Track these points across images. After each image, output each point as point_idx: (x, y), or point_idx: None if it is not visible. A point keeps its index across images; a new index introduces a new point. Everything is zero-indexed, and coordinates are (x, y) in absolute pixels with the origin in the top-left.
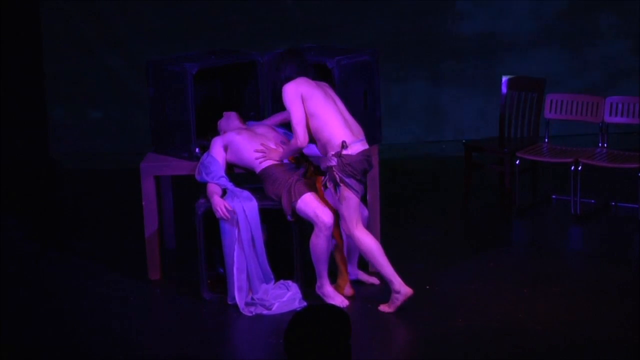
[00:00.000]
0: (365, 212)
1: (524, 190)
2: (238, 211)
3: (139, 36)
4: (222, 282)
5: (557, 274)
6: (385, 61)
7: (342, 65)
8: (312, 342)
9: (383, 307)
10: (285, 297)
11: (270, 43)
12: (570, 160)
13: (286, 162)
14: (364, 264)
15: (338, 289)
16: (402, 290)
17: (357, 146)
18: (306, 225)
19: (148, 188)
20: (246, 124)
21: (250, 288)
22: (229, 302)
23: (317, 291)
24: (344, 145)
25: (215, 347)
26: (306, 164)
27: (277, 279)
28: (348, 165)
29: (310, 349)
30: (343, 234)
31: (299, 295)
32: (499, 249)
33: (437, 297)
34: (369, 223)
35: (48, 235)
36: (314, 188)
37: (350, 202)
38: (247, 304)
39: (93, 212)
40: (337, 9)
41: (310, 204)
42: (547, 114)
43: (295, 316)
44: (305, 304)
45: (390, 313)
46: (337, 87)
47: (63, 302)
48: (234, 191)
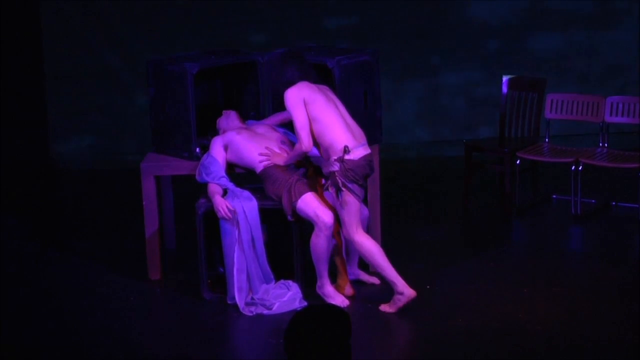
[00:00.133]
0: (365, 212)
1: (524, 190)
2: (238, 211)
3: (139, 36)
4: (222, 282)
5: (557, 274)
6: (386, 60)
7: (342, 65)
8: (312, 342)
9: (384, 307)
10: (285, 297)
11: (270, 43)
12: (570, 160)
13: None
14: (364, 263)
15: (338, 289)
16: (405, 292)
17: (359, 151)
18: (306, 225)
19: (148, 188)
20: (245, 123)
21: (250, 288)
22: (229, 302)
23: (318, 291)
24: (346, 150)
25: (215, 347)
26: (306, 164)
27: (277, 279)
28: (350, 170)
29: (310, 349)
30: (342, 236)
31: (299, 295)
32: (499, 249)
33: (437, 297)
34: (369, 223)
35: (48, 235)
36: (314, 188)
37: (352, 207)
38: (247, 304)
39: (93, 212)
40: (337, 9)
41: (310, 203)
42: (548, 114)
43: (295, 316)
44: (305, 303)
45: (390, 313)
46: (337, 87)
47: (63, 302)
48: (235, 191)
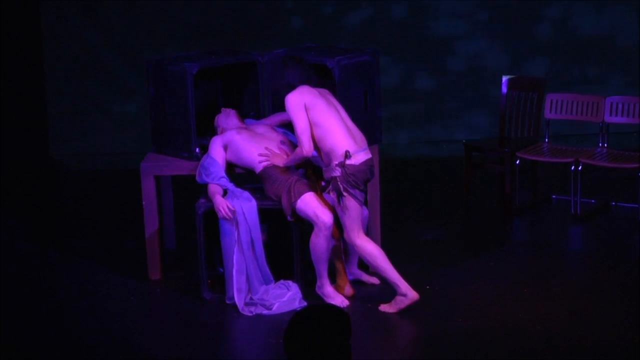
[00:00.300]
0: (366, 212)
1: (524, 190)
2: (238, 212)
3: (139, 36)
4: (222, 282)
5: (557, 274)
6: (386, 60)
7: (342, 65)
8: (312, 342)
9: (384, 307)
10: (285, 297)
11: (270, 43)
12: (570, 160)
13: None
14: (364, 264)
15: (338, 289)
16: (409, 294)
17: (360, 156)
18: (306, 226)
19: (148, 188)
20: (245, 122)
21: (249, 289)
22: (227, 302)
23: (317, 291)
24: (347, 155)
25: (215, 347)
26: (306, 164)
27: (277, 279)
28: (351, 175)
29: (310, 349)
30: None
31: (299, 295)
32: (499, 249)
33: (437, 297)
34: (369, 223)
35: (48, 235)
36: (314, 188)
37: (353, 211)
38: (247, 304)
39: (93, 212)
40: (337, 9)
41: (310, 203)
42: (547, 114)
43: (295, 316)
44: (305, 303)
45: (390, 313)
46: (337, 87)
47: (63, 302)
48: (234, 192)
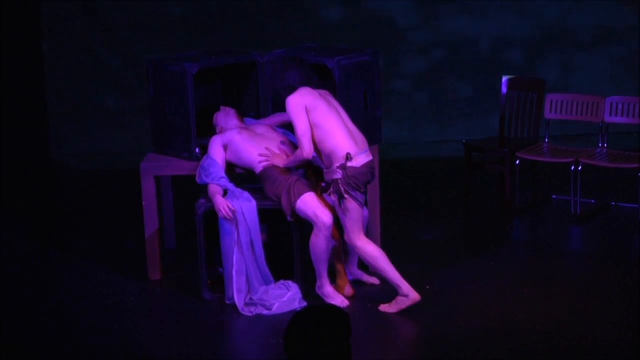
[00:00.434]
0: (365, 213)
1: (524, 190)
2: (237, 213)
3: (139, 36)
4: (222, 282)
5: (557, 274)
6: (386, 60)
7: (342, 65)
8: (312, 342)
9: (384, 307)
10: (285, 297)
11: (270, 43)
12: (570, 160)
13: None
14: (363, 264)
15: (338, 289)
16: (410, 294)
17: (361, 158)
18: (306, 226)
19: (148, 188)
20: (244, 121)
21: (249, 289)
22: (227, 302)
23: (317, 291)
24: (348, 157)
25: (215, 347)
26: (305, 164)
27: (277, 279)
28: (352, 177)
29: (310, 349)
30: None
31: (299, 295)
32: (499, 249)
33: (437, 297)
34: (369, 223)
35: (48, 235)
36: (313, 188)
37: (353, 213)
38: (247, 304)
39: (93, 212)
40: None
41: (309, 203)
42: (547, 114)
43: (295, 316)
44: (305, 303)
45: (390, 313)
46: (337, 87)
47: (63, 302)
48: (234, 192)
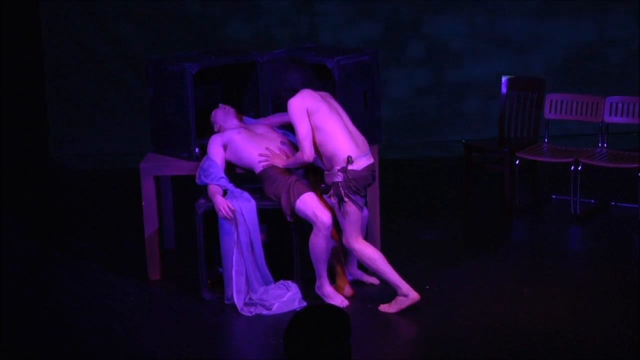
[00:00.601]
0: (365, 212)
1: (524, 190)
2: (237, 213)
3: (139, 36)
4: (222, 282)
5: (557, 274)
6: (386, 60)
7: (341, 65)
8: (312, 342)
9: (384, 307)
10: (285, 297)
11: (270, 43)
12: (570, 160)
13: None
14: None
15: (338, 290)
16: (410, 294)
17: (362, 161)
18: (306, 226)
19: (148, 188)
20: (243, 119)
21: (249, 290)
22: (226, 302)
23: (317, 291)
24: (349, 161)
25: (215, 347)
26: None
27: (276, 280)
28: (353, 180)
29: (310, 349)
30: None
31: (298, 295)
32: (499, 249)
33: (437, 297)
34: (369, 223)
35: (48, 235)
36: (313, 188)
37: (353, 216)
38: (247, 304)
39: (93, 212)
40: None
41: (309, 203)
42: (547, 114)
43: (295, 316)
44: (305, 304)
45: (390, 313)
46: (336, 88)
47: (63, 302)
48: (234, 192)
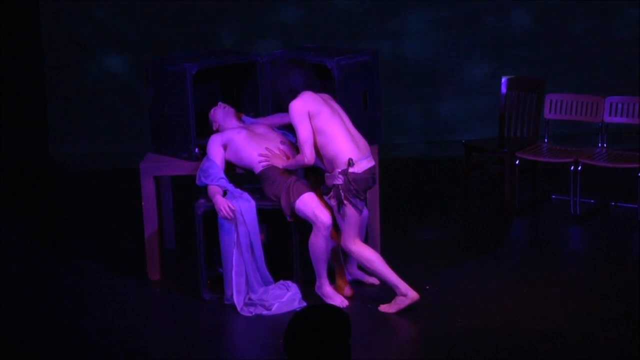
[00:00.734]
0: (365, 212)
1: (523, 190)
2: (237, 213)
3: (139, 36)
4: (222, 283)
5: (557, 274)
6: (386, 60)
7: (341, 65)
8: (312, 342)
9: (383, 308)
10: (285, 298)
11: (270, 43)
12: (570, 160)
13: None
14: None
15: (337, 290)
16: (409, 294)
17: (363, 164)
18: (305, 226)
19: (148, 188)
20: (242, 118)
21: (248, 290)
22: (225, 302)
23: (317, 291)
24: (350, 163)
25: (215, 347)
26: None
27: (276, 280)
28: (353, 182)
29: (310, 349)
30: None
31: (298, 295)
32: (499, 249)
33: (437, 297)
34: (369, 223)
35: (48, 235)
36: (313, 188)
37: (351, 218)
38: (247, 304)
39: (93, 212)
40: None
41: (309, 203)
42: (547, 114)
43: (295, 316)
44: (305, 304)
45: (390, 313)
46: (336, 88)
47: (63, 302)
48: (234, 193)
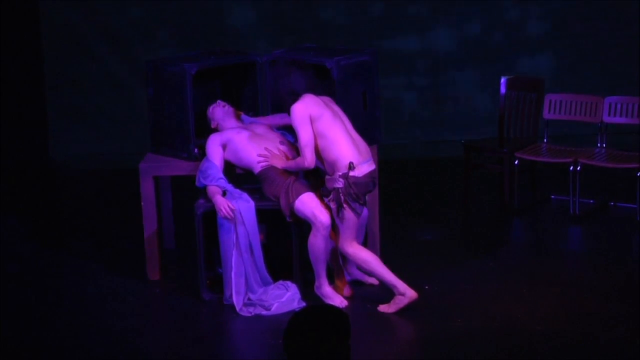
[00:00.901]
0: (365, 212)
1: (523, 190)
2: (236, 213)
3: (139, 36)
4: (221, 283)
5: (557, 274)
6: (386, 60)
7: (341, 65)
8: (311, 343)
9: (383, 308)
10: (284, 298)
11: (270, 43)
12: (569, 160)
13: None
14: None
15: (337, 290)
16: (407, 293)
17: (363, 167)
18: (305, 226)
19: (147, 188)
20: (241, 117)
21: (247, 291)
22: (225, 303)
23: (316, 291)
24: (351, 167)
25: (215, 347)
26: None
27: (275, 280)
28: (354, 185)
29: (309, 349)
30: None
31: (298, 295)
32: (499, 249)
33: (437, 297)
34: (368, 223)
35: (48, 235)
36: (312, 188)
37: (350, 222)
38: (246, 305)
39: (93, 212)
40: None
41: (308, 204)
42: (546, 114)
43: (294, 316)
44: (304, 304)
45: (389, 313)
46: (336, 88)
47: (63, 302)
48: (233, 193)
